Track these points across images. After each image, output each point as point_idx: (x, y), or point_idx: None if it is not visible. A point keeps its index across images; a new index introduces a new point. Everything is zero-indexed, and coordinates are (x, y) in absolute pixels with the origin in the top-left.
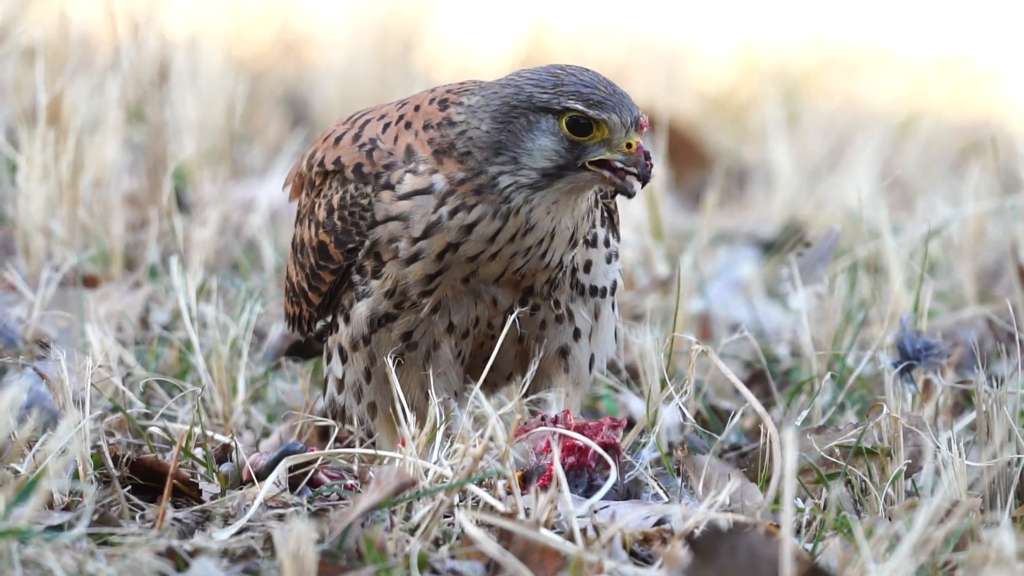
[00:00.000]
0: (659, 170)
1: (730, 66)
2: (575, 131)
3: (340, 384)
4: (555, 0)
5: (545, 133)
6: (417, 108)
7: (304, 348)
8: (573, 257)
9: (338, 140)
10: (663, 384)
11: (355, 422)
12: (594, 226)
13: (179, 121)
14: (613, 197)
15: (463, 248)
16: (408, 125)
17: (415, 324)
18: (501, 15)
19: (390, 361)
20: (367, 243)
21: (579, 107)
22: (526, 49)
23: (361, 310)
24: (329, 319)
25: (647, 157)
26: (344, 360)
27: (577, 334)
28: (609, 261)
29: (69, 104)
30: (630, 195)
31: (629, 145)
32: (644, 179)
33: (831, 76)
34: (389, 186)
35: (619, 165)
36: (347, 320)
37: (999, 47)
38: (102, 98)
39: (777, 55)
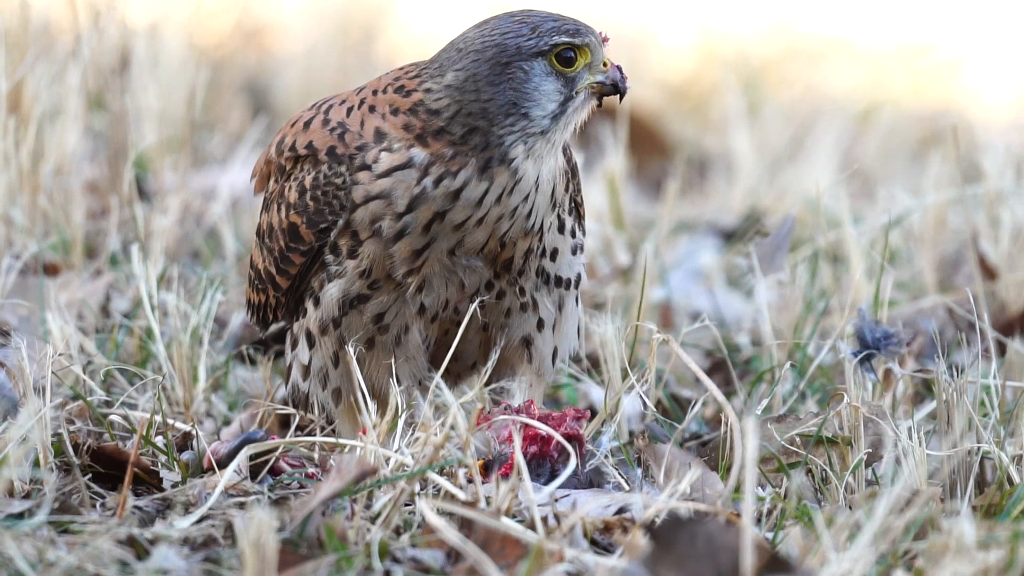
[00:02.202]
0: (620, 159)
1: (691, 55)
2: (564, 64)
3: (305, 370)
4: None
5: (541, 76)
6: (375, 92)
7: (264, 341)
8: (551, 226)
9: (307, 124)
10: (624, 373)
11: (316, 410)
12: (564, 211)
13: (140, 109)
14: (600, 106)
15: (450, 215)
16: (372, 109)
17: (387, 305)
18: (462, 2)
19: (351, 349)
20: (341, 223)
21: (565, 40)
22: None
23: (332, 292)
24: (285, 322)
25: (620, 70)
26: (311, 345)
27: (541, 324)
28: (575, 253)
29: (30, 92)
30: (623, 91)
31: (604, 64)
32: (624, 91)
33: (792, 65)
34: (365, 166)
35: (606, 82)
36: (316, 303)
37: (959, 37)
38: (63, 86)
39: (738, 44)
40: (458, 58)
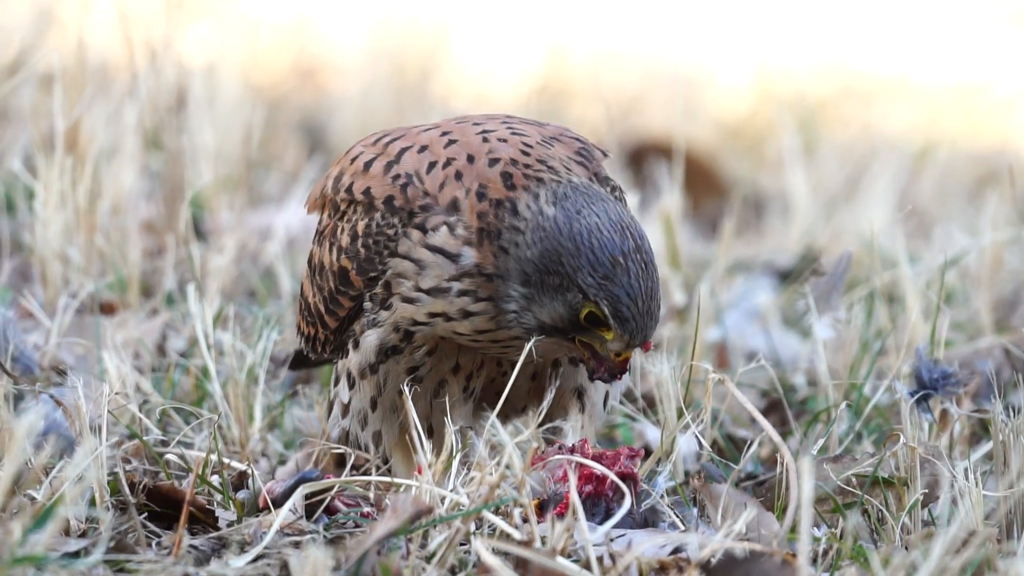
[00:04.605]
0: (676, 198)
1: (747, 94)
2: (590, 320)
3: (345, 409)
4: (572, 26)
5: (566, 303)
6: (471, 159)
7: (306, 360)
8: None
9: (368, 166)
10: (680, 413)
11: (360, 445)
12: None
13: (196, 148)
14: (576, 366)
15: (453, 324)
16: (459, 176)
17: (420, 361)
18: (518, 42)
19: (406, 388)
20: (389, 272)
21: (606, 311)
22: (543, 76)
23: (371, 339)
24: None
25: (624, 369)
26: (351, 386)
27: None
28: None
29: (86, 131)
30: (601, 379)
31: (618, 355)
32: (612, 378)
33: (848, 105)
34: (422, 228)
35: (595, 367)
36: (356, 346)
37: (1015, 76)
38: (119, 125)
39: (794, 83)
40: (560, 214)
